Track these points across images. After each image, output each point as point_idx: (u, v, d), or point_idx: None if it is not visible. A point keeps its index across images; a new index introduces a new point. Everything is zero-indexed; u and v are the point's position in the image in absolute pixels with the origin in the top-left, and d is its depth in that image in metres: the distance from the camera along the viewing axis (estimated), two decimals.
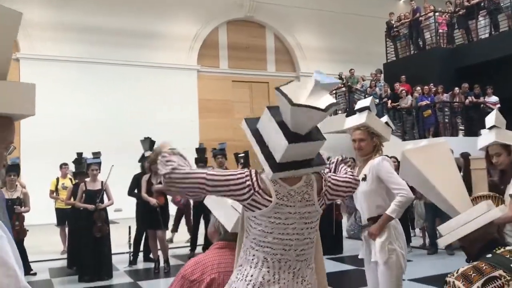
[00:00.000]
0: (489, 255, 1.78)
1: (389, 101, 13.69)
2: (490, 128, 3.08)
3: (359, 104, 3.41)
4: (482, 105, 12.70)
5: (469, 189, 2.14)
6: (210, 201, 2.31)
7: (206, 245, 8.18)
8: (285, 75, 18.51)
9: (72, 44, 15.29)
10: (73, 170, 7.79)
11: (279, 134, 1.73)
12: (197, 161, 8.38)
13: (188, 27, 17.26)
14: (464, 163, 8.32)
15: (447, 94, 13.08)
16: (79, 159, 7.69)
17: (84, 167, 7.46)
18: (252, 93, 18.42)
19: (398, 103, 13.46)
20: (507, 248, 1.81)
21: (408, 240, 7.34)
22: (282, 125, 1.76)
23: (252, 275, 1.79)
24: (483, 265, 1.74)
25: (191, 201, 9.07)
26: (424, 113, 12.71)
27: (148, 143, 8.27)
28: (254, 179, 1.81)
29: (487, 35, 13.88)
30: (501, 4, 13.57)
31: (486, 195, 3.50)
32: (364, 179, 3.28)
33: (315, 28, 19.16)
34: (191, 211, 9.13)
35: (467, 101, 12.87)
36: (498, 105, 12.52)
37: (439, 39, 14.77)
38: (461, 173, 8.20)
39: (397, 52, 16.19)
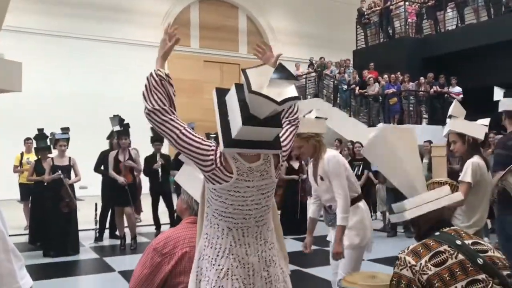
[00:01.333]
0: (437, 233, 1.96)
1: (357, 88, 13.95)
2: (449, 117, 3.25)
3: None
4: (445, 95, 13.11)
5: None
6: (182, 179, 2.38)
7: (173, 223, 8.25)
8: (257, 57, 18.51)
9: (39, 16, 14.83)
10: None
11: (237, 113, 1.78)
12: (153, 139, 8.30)
13: (159, 4, 16.98)
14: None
15: (413, 83, 13.42)
16: (40, 135, 7.56)
17: (45, 143, 7.36)
18: (223, 74, 18.37)
19: (365, 90, 13.73)
20: (452, 227, 2.00)
21: None
22: (243, 104, 1.79)
23: (220, 244, 1.91)
24: (430, 242, 1.92)
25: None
26: (390, 100, 13.02)
27: (117, 120, 8.22)
28: (218, 155, 1.88)
29: (454, 27, 14.26)
30: None
31: (442, 181, 3.69)
32: (322, 178, 3.40)
33: (287, 12, 19.19)
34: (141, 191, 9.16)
35: (431, 90, 13.25)
36: (461, 96, 12.97)
37: (408, 28, 15.07)
38: (426, 160, 8.41)
39: (367, 39, 16.43)
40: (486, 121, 3.35)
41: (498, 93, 3.45)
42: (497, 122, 4.10)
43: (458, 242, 1.90)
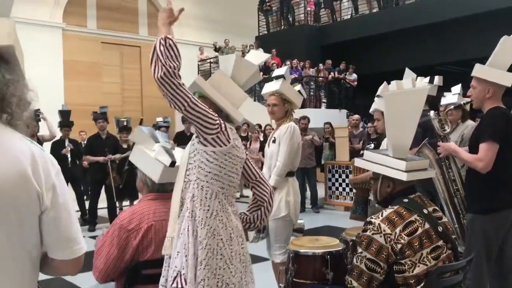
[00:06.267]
0: (406, 200, 2.17)
1: (261, 73, 14.35)
2: (377, 96, 3.60)
3: (276, 72, 3.69)
4: (342, 81, 14.04)
5: None
6: (135, 157, 2.45)
7: (83, 211, 7.97)
8: None
9: None
10: None
11: (238, 89, 2.24)
12: (61, 124, 7.92)
13: None
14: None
15: (313, 69, 14.15)
16: None
17: None
18: (123, 57, 17.74)
19: (269, 75, 14.17)
20: (417, 194, 2.24)
21: None
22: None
23: (209, 205, 2.07)
24: (402, 210, 2.12)
25: None
26: (293, 85, 13.60)
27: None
28: (222, 122, 2.11)
29: (349, 17, 15.23)
30: None
31: None
32: (274, 141, 3.62)
33: None
34: None
35: (330, 76, 14.09)
36: (355, 82, 14.00)
37: (307, 16, 15.77)
38: (322, 140, 9.00)
39: (269, 26, 16.89)
40: None
41: (408, 74, 3.85)
42: None
43: (425, 211, 2.13)
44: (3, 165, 1.20)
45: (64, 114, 8.02)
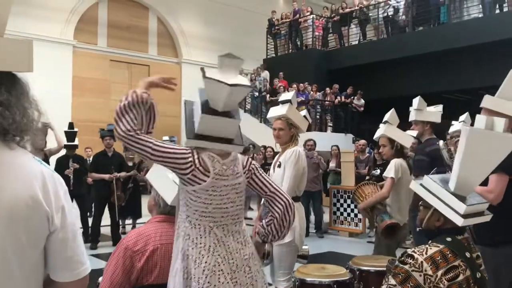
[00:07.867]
0: (449, 239, 2.06)
1: (268, 95, 14.43)
2: (384, 123, 3.60)
3: (283, 97, 3.72)
4: (348, 105, 14.08)
5: None
6: (152, 177, 2.43)
7: (86, 229, 7.91)
8: (167, 59, 18.34)
9: None
10: None
11: (199, 110, 2.05)
12: (67, 146, 7.75)
13: None
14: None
15: (319, 93, 14.21)
16: None
17: None
18: (131, 75, 17.92)
19: (276, 98, 14.24)
20: (465, 235, 2.14)
21: None
22: (204, 102, 2.06)
23: (202, 243, 2.02)
24: (448, 252, 2.02)
25: None
26: (299, 108, 13.63)
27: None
28: (196, 156, 2.03)
29: (356, 42, 15.35)
30: (370, 15, 15.14)
31: (370, 183, 4.06)
32: (279, 166, 3.61)
33: (199, 17, 19.25)
34: None
35: (336, 100, 14.14)
36: (362, 108, 14.04)
37: (315, 41, 15.92)
38: (333, 164, 8.94)
39: (277, 49, 17.05)
40: (414, 132, 3.77)
41: (419, 103, 3.85)
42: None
43: (468, 254, 2.04)
44: (16, 189, 1.22)
45: (70, 135, 7.92)
